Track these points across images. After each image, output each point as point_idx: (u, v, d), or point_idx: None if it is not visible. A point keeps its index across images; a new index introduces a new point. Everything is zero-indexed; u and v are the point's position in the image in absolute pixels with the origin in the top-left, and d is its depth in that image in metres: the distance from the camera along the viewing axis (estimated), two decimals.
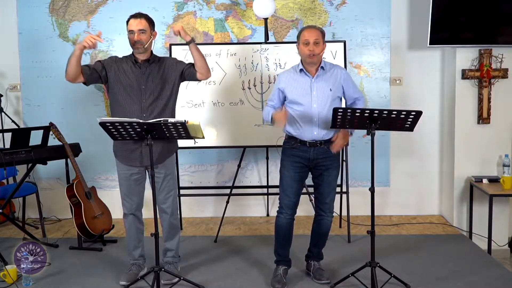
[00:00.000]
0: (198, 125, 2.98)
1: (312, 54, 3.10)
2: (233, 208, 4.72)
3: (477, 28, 4.28)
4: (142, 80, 3.20)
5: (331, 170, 3.22)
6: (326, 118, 3.14)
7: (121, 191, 3.35)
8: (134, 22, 3.16)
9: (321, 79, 3.18)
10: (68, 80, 3.18)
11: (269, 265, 3.46)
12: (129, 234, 3.42)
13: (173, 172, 3.40)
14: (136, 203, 3.36)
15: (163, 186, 3.32)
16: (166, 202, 3.35)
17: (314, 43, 3.10)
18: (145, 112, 3.20)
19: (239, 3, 4.76)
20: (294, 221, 3.27)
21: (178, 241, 3.49)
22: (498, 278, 3.35)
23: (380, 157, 4.65)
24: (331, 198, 3.27)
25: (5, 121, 4.77)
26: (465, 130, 4.43)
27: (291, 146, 3.22)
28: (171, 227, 3.43)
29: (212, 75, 4.17)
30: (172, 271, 3.34)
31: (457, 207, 4.51)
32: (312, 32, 3.12)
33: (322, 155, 3.19)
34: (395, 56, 4.74)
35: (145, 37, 3.16)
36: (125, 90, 3.21)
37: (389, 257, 3.67)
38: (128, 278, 3.31)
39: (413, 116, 2.93)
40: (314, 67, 3.18)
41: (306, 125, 3.16)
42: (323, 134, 3.17)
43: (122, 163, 3.31)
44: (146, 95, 3.21)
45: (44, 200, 4.68)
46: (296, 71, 3.23)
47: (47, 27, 4.82)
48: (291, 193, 3.21)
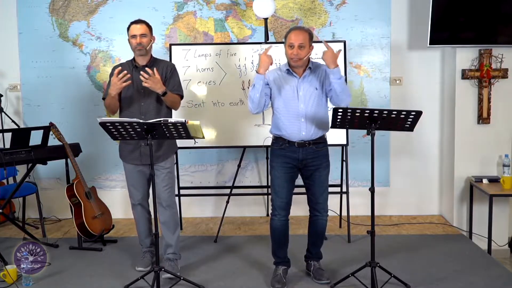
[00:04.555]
0: (198, 125, 2.98)
1: (296, 59, 3.07)
2: (233, 208, 4.72)
3: (477, 28, 4.28)
4: (141, 84, 3.31)
5: (321, 169, 3.21)
6: (313, 117, 3.13)
7: (128, 182, 3.56)
8: (135, 27, 3.37)
9: (308, 79, 3.15)
10: (114, 114, 3.55)
11: (269, 265, 3.46)
12: (139, 224, 3.61)
13: (171, 167, 3.53)
14: (142, 194, 3.53)
15: (161, 178, 3.45)
16: (163, 194, 3.44)
17: (298, 46, 3.05)
18: (144, 114, 3.35)
19: (239, 3, 4.76)
20: (289, 221, 3.26)
21: (178, 237, 3.54)
22: (498, 278, 3.35)
23: (380, 157, 4.65)
24: (324, 197, 3.26)
25: (5, 121, 4.77)
26: (465, 130, 4.42)
27: (280, 147, 3.20)
28: (171, 221, 3.50)
29: (212, 75, 4.23)
30: (172, 268, 3.40)
31: (457, 207, 4.51)
32: (299, 35, 3.07)
33: (311, 155, 3.17)
34: (395, 56, 4.74)
35: (146, 40, 3.36)
36: (126, 93, 3.39)
37: (389, 257, 3.67)
38: (144, 264, 3.54)
39: (413, 116, 2.93)
40: (300, 69, 3.15)
41: (293, 125, 3.14)
42: (311, 134, 3.15)
43: (126, 163, 3.52)
44: (145, 98, 3.38)
45: (44, 200, 4.68)
46: (283, 71, 3.20)
47: (47, 27, 4.82)
48: (283, 194, 3.19)
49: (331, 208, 4.38)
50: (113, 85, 3.26)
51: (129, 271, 3.55)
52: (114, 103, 3.40)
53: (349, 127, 3.22)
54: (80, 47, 4.84)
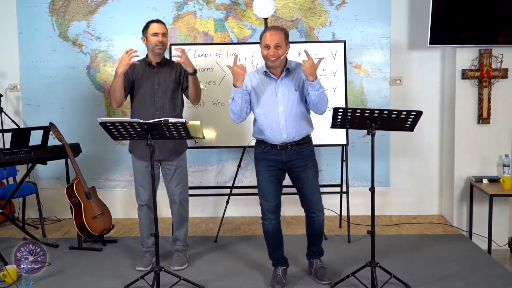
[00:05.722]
0: (198, 125, 2.99)
1: (273, 58, 3.02)
2: (233, 208, 4.72)
3: (477, 28, 4.28)
4: (155, 80, 3.44)
5: (308, 170, 3.17)
6: (294, 119, 3.09)
7: (136, 182, 3.60)
8: (157, 26, 3.45)
9: (286, 80, 3.11)
10: (118, 106, 3.46)
11: (269, 265, 3.45)
12: (143, 224, 3.64)
13: (183, 166, 3.61)
14: (149, 194, 3.54)
15: (174, 178, 3.56)
16: (175, 193, 3.58)
17: (275, 46, 3.00)
18: (159, 110, 3.44)
19: (239, 3, 4.76)
20: (280, 223, 3.24)
21: (186, 231, 3.71)
22: (498, 278, 3.35)
23: (380, 157, 4.65)
24: (316, 197, 3.22)
25: (5, 121, 4.77)
26: (465, 130, 4.43)
27: (263, 151, 3.18)
28: (180, 217, 3.64)
29: (212, 75, 4.23)
30: (181, 258, 3.59)
31: (457, 207, 4.51)
32: (274, 35, 3.01)
33: (295, 157, 3.14)
34: (395, 56, 4.74)
35: (166, 39, 3.48)
36: (140, 90, 3.47)
37: (389, 257, 3.67)
38: (144, 264, 3.55)
39: (413, 116, 2.93)
40: (278, 70, 3.11)
41: (274, 128, 3.10)
42: (293, 136, 3.11)
43: (137, 159, 3.55)
44: (158, 95, 3.46)
45: (44, 200, 4.68)
46: (261, 73, 3.16)
47: (47, 27, 4.82)
48: (271, 197, 3.18)
49: (331, 208, 4.41)
50: (121, 61, 3.30)
51: (129, 271, 3.55)
52: (120, 87, 3.35)
53: (349, 127, 3.21)
54: (80, 47, 4.84)
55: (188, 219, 3.73)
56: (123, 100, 3.45)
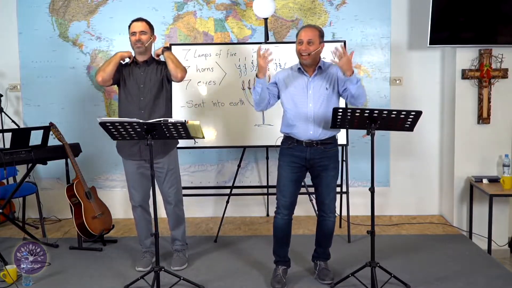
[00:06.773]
0: (198, 125, 2.98)
1: (305, 54, 3.09)
2: (233, 208, 4.72)
3: (477, 28, 4.28)
4: (140, 80, 3.44)
5: (328, 170, 3.20)
6: (322, 117, 3.13)
7: (129, 184, 3.59)
8: (136, 24, 3.45)
9: (318, 78, 3.17)
10: (101, 83, 3.43)
11: (269, 265, 3.46)
12: (140, 225, 3.66)
13: (175, 168, 3.61)
14: (142, 195, 3.58)
15: (166, 180, 3.55)
16: (169, 194, 3.59)
17: (307, 42, 3.08)
18: (144, 109, 3.42)
19: (239, 3, 4.76)
20: (291, 221, 3.26)
21: (184, 231, 3.71)
22: (498, 278, 3.35)
23: (380, 157, 4.65)
24: (330, 198, 3.25)
25: (5, 121, 4.77)
26: (465, 130, 4.43)
27: (288, 146, 3.22)
28: (175, 217, 3.65)
29: (212, 75, 4.23)
30: (181, 258, 3.60)
31: (457, 207, 4.51)
32: (308, 31, 3.11)
33: (319, 155, 3.17)
34: (395, 56, 4.74)
35: (145, 37, 3.43)
36: (126, 89, 3.47)
37: (389, 257, 3.67)
38: (144, 264, 3.56)
39: (413, 116, 2.93)
40: (311, 67, 3.17)
41: (301, 124, 3.15)
42: (319, 133, 3.15)
43: (125, 158, 3.54)
44: (144, 93, 3.44)
45: (44, 200, 4.68)
46: (294, 70, 3.22)
47: (47, 27, 4.82)
48: (287, 193, 3.20)
49: None
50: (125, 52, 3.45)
51: (129, 271, 3.55)
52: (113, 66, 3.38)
53: (349, 127, 3.20)
54: (80, 47, 4.84)
55: (184, 218, 3.73)
56: (109, 78, 3.40)
